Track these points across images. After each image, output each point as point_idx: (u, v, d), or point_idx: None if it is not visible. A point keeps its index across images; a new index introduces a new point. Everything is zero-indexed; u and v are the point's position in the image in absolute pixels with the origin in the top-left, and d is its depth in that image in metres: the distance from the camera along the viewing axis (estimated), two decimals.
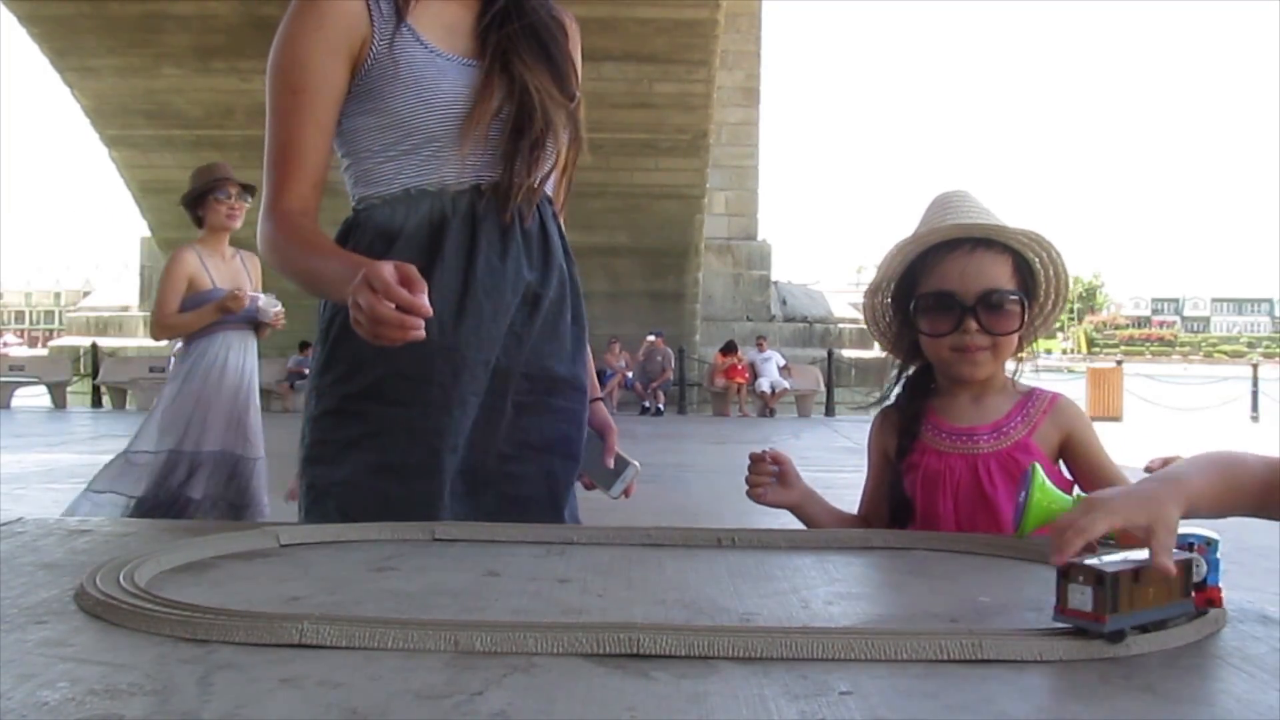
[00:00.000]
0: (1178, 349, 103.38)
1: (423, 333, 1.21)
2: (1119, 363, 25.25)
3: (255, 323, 4.34)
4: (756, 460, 1.61)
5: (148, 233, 20.38)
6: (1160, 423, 16.17)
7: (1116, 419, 16.86)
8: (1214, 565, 0.91)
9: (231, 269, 4.33)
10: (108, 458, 4.18)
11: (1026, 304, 1.58)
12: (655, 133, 16.54)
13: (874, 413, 1.71)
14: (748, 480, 1.61)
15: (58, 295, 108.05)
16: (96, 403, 17.78)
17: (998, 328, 1.55)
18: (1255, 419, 17.54)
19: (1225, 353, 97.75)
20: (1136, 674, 0.79)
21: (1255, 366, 20.16)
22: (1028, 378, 1.66)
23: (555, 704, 0.71)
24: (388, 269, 1.22)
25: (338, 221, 1.55)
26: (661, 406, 16.88)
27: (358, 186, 1.54)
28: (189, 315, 4.16)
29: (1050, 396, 1.63)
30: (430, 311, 1.21)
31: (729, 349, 16.87)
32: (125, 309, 22.82)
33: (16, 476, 8.01)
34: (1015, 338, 1.58)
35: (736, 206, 21.49)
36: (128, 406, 17.34)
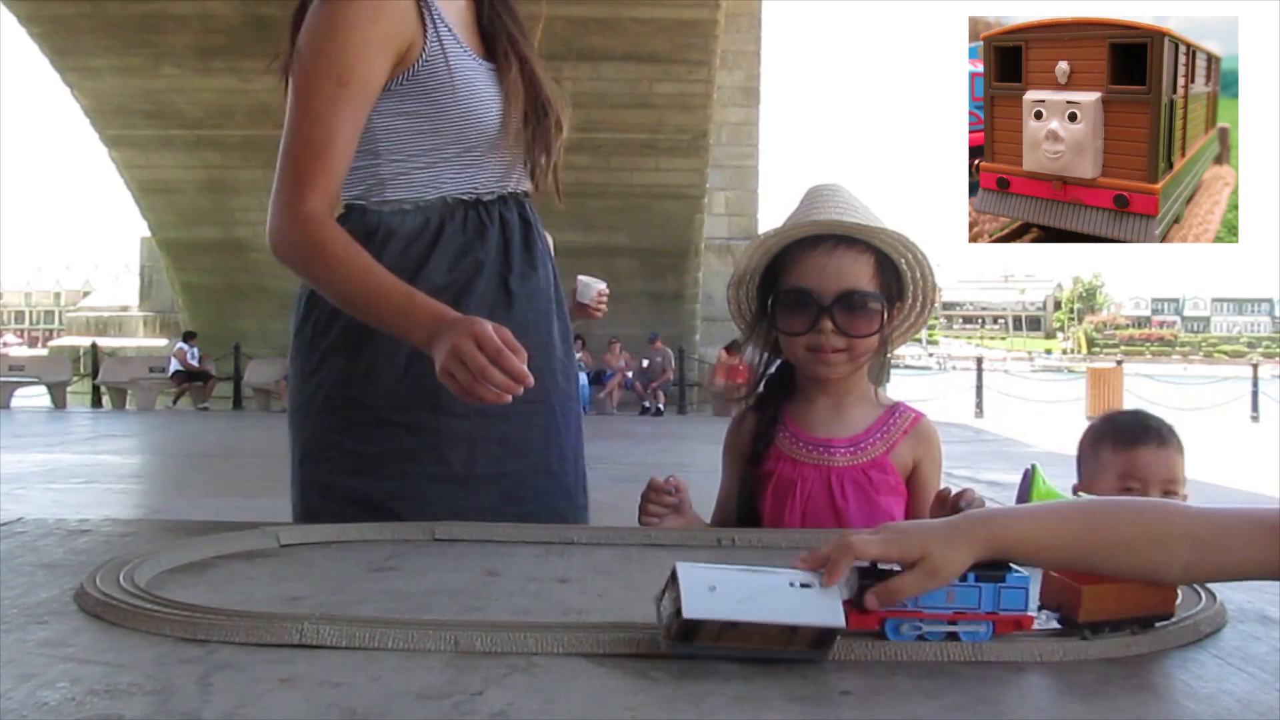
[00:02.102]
0: (1178, 349, 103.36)
1: (508, 399, 1.25)
2: (1119, 363, 25.27)
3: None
4: (658, 490, 1.50)
5: (148, 233, 20.36)
6: None
7: None
8: (999, 595, 0.83)
9: None
10: (108, 458, 4.15)
11: (887, 306, 1.52)
12: (655, 133, 16.54)
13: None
14: (645, 509, 1.49)
15: (58, 295, 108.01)
16: (96, 403, 17.79)
17: (855, 329, 1.49)
18: (1255, 419, 17.54)
19: (1225, 353, 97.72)
20: (1136, 674, 0.79)
21: (1255, 366, 20.16)
22: (1030, 377, 1.64)
23: (555, 704, 0.71)
24: (490, 331, 1.23)
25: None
26: (661, 406, 16.88)
27: (384, 188, 1.47)
28: None
29: (913, 416, 1.58)
30: (532, 382, 1.24)
31: (734, 347, 16.86)
32: (125, 309, 22.84)
33: (16, 476, 8.00)
34: (874, 340, 1.52)
35: (736, 206, 21.48)
36: (128, 406, 17.34)
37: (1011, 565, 0.84)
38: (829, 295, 1.49)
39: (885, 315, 1.52)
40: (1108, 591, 0.85)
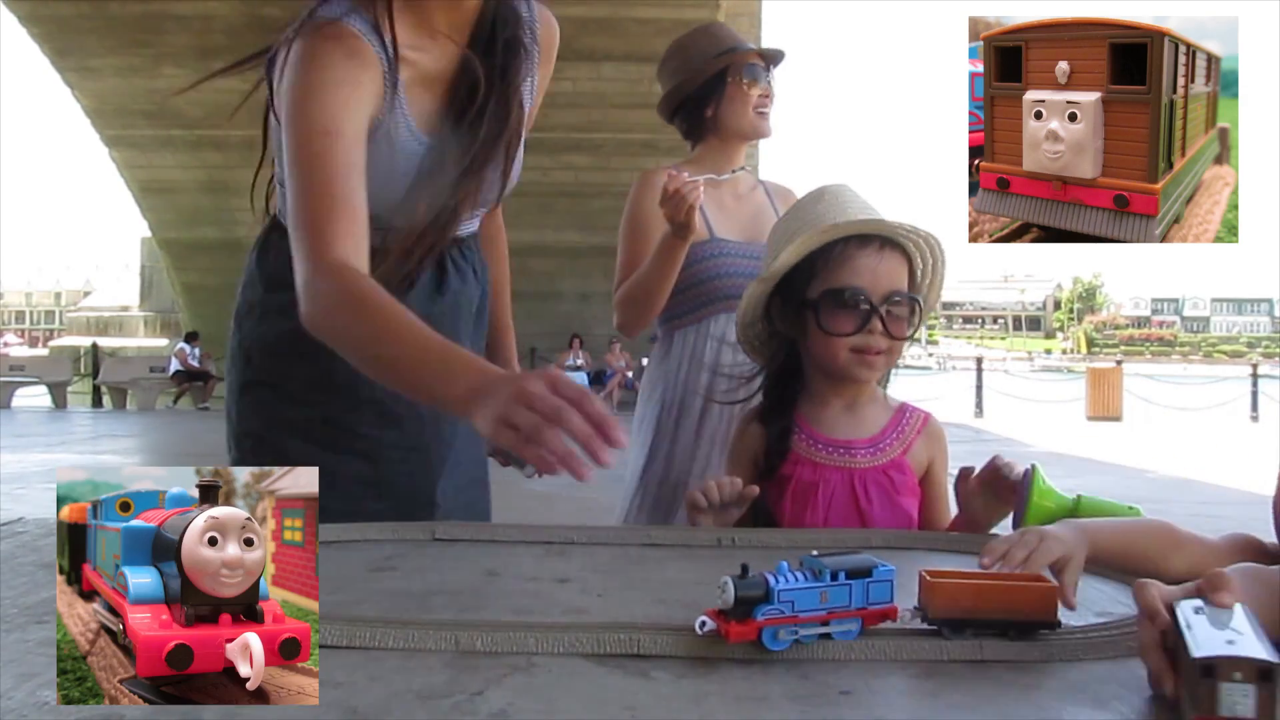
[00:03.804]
0: (1177, 349, 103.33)
1: (590, 470, 0.96)
2: (1119, 363, 25.27)
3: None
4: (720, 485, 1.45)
5: (148, 233, 20.38)
6: (1160, 423, 16.18)
7: (1116, 419, 16.87)
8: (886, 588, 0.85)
9: (748, 209, 2.37)
10: (108, 458, 4.14)
11: (920, 310, 1.53)
12: (655, 133, 16.45)
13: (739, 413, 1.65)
14: (705, 489, 1.43)
15: (58, 295, 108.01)
16: (97, 403, 17.79)
17: (899, 331, 1.50)
18: (1255, 419, 17.55)
19: (1225, 353, 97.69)
20: (1136, 674, 0.80)
21: (1255, 366, 20.16)
22: (1030, 377, 1.64)
23: (555, 704, 0.71)
24: (567, 377, 1.01)
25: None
26: None
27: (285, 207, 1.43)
28: (642, 272, 2.20)
29: (923, 416, 1.60)
30: (624, 443, 0.97)
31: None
32: (125, 309, 22.85)
33: (17, 476, 8.00)
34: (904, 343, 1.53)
35: None
36: (128, 407, 17.35)
37: (878, 562, 0.85)
38: (879, 296, 1.49)
39: (919, 317, 1.53)
40: (962, 590, 0.86)
